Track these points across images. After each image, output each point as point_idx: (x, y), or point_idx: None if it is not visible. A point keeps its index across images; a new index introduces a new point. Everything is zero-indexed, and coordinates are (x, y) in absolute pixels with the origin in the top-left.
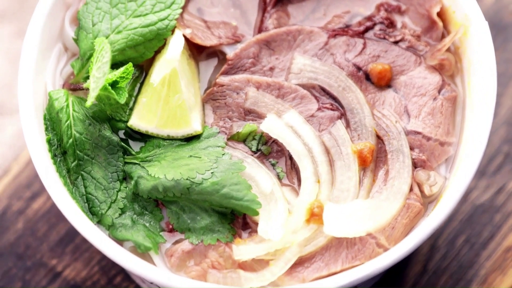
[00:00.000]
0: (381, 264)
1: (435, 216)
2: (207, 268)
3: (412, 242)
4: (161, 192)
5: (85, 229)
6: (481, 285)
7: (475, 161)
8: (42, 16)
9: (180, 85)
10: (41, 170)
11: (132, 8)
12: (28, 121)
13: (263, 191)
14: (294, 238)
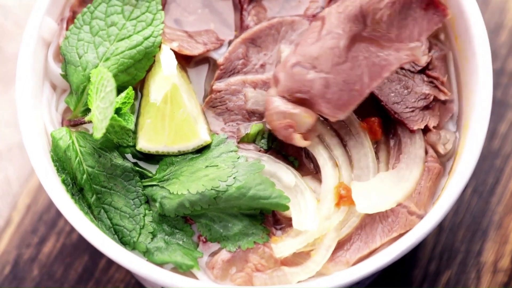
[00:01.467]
0: (421, 233)
1: (460, 176)
2: (251, 272)
3: (446, 204)
4: (188, 207)
5: (124, 259)
6: (498, 230)
7: (485, 113)
8: (28, 60)
9: (183, 99)
10: (66, 212)
11: (114, 33)
12: (42, 167)
13: (287, 185)
14: (329, 224)
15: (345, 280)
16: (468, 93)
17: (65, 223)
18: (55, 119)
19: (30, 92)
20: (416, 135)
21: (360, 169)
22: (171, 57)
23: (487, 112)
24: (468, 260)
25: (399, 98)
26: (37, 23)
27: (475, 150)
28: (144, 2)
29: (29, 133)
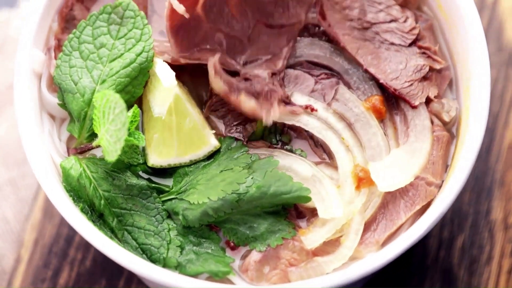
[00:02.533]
0: (445, 204)
1: (472, 141)
2: (285, 268)
3: (464, 172)
4: (211, 215)
5: (162, 277)
6: (501, 188)
7: (484, 72)
8: (25, 95)
9: (187, 108)
10: (97, 243)
11: (105, 54)
12: (60, 200)
13: (304, 177)
14: (353, 208)
15: (380, 262)
16: (462, 57)
17: (76, 251)
18: (60, 149)
19: (32, 127)
20: (420, 107)
21: (371, 149)
22: (167, 69)
23: (486, 71)
24: (478, 221)
25: (396, 74)
26: (27, 56)
27: (482, 112)
28: (129, 19)
29: (41, 169)
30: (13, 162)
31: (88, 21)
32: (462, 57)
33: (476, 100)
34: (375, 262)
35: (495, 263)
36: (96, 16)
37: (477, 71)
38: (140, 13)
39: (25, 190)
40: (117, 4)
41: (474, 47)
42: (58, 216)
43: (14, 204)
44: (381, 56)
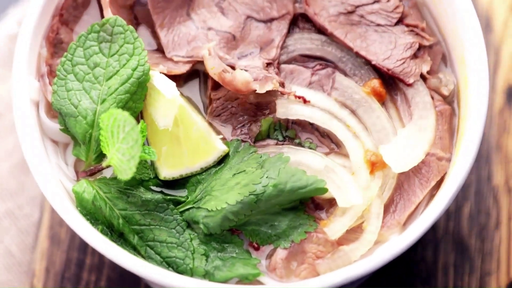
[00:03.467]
0: (460, 178)
1: (477, 113)
2: (312, 261)
3: (475, 142)
4: (232, 219)
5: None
6: (498, 152)
7: (478, 41)
8: (27, 124)
9: (192, 116)
10: (125, 262)
11: (101, 73)
12: (82, 226)
13: (317, 169)
14: (371, 193)
15: (406, 243)
16: (452, 29)
17: (89, 274)
18: (69, 174)
19: (39, 156)
20: (418, 84)
21: (378, 132)
22: (166, 80)
23: (479, 39)
24: (481, 188)
25: (387, 54)
26: (22, 86)
27: (482, 81)
28: (118, 35)
29: (55, 196)
30: (7, 194)
31: (77, 42)
32: (452, 29)
33: (474, 69)
34: (401, 243)
35: (504, 227)
36: (85, 36)
37: (471, 41)
38: (129, 27)
39: (24, 220)
40: (105, 21)
41: (464, 17)
42: (66, 242)
43: (16, 235)
44: (369, 39)
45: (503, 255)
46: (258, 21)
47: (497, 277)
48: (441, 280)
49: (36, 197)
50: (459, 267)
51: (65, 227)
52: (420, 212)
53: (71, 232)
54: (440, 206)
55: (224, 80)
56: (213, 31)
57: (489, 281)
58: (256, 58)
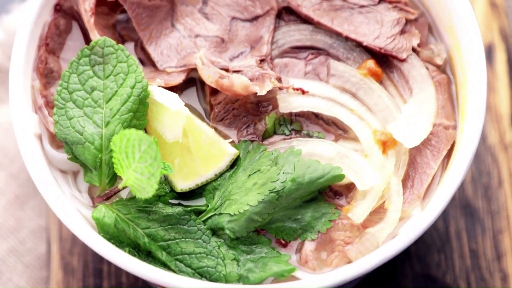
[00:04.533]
0: (473, 145)
1: (477, 74)
2: (342, 248)
3: (481, 107)
4: (257, 220)
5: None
6: (488, 111)
7: (468, 8)
8: (37, 160)
9: (199, 124)
10: (165, 279)
11: (100, 96)
12: (115, 253)
13: (330, 157)
14: (387, 171)
15: (430, 219)
16: (437, 0)
17: None
18: (85, 202)
19: (54, 189)
20: (412, 58)
21: (381, 111)
22: (168, 93)
23: (467, 5)
24: (478, 149)
25: (376, 33)
26: (23, 121)
27: (476, 43)
28: (110, 55)
29: (79, 227)
30: (6, 231)
31: (70, 69)
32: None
33: (466, 36)
34: (428, 218)
35: (507, 184)
36: (77, 62)
37: (459, 8)
38: (119, 46)
39: (28, 255)
40: (94, 44)
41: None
42: (80, 270)
43: (24, 272)
44: (356, 21)
45: (511, 212)
46: (243, 20)
47: (509, 234)
48: (456, 245)
49: (36, 229)
50: (471, 230)
51: (76, 255)
52: (436, 183)
53: (83, 259)
54: (458, 175)
55: (223, 87)
56: (201, 37)
57: (502, 239)
58: (249, 57)
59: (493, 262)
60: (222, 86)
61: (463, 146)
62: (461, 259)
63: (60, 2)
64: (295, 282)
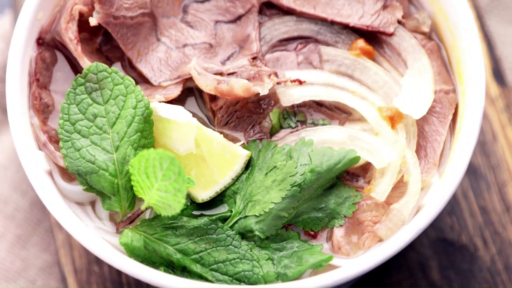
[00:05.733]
0: (479, 112)
1: (470, 40)
2: (372, 228)
3: (481, 76)
4: (284, 216)
5: None
6: None
7: None
8: (54, 198)
9: (208, 132)
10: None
11: (104, 122)
12: (151, 273)
13: (341, 141)
14: (400, 145)
15: (454, 184)
16: None
17: None
18: (109, 229)
19: (78, 225)
20: (399, 30)
21: (381, 88)
22: (173, 107)
23: None
24: None
25: (360, 13)
26: (31, 161)
27: (464, 8)
28: (105, 80)
29: (114, 257)
30: (14, 273)
31: (68, 100)
32: None
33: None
34: (450, 187)
35: (501, 137)
36: (73, 92)
37: None
38: (112, 69)
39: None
40: (86, 71)
41: None
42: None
43: None
44: (337, 4)
45: (511, 162)
46: (227, 22)
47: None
48: (465, 205)
49: (44, 266)
50: (476, 188)
51: (95, 284)
52: (448, 148)
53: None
54: (472, 136)
55: (223, 92)
56: (189, 46)
57: (508, 190)
58: (240, 57)
59: (503, 215)
60: (222, 92)
61: (470, 107)
62: (472, 218)
63: (41, 35)
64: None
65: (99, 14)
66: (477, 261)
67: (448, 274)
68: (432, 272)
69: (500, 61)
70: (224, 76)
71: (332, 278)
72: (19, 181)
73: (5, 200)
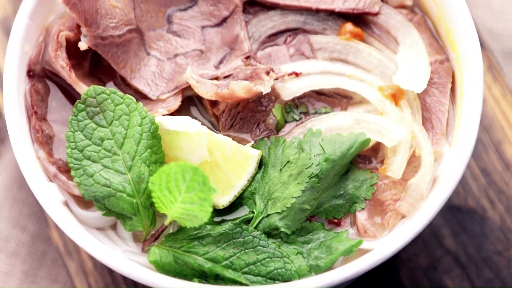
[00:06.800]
0: (480, 74)
1: (459, 9)
2: (393, 207)
3: (475, 41)
4: (306, 209)
5: None
6: None
7: None
8: (76, 228)
9: (219, 137)
10: None
11: (112, 144)
12: (188, 286)
13: (348, 126)
14: (407, 120)
15: (470, 148)
16: None
17: None
18: (135, 249)
19: (109, 252)
20: (384, 8)
21: (377, 68)
22: (179, 119)
23: None
24: None
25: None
26: (46, 194)
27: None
28: (105, 102)
29: (147, 276)
30: None
31: (72, 128)
32: None
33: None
34: (465, 152)
35: (490, 97)
36: (75, 119)
37: None
38: (110, 89)
39: None
40: (84, 97)
41: None
42: None
43: None
44: None
45: (502, 121)
46: (213, 26)
47: (509, 142)
48: (466, 170)
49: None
50: (474, 151)
51: None
52: (452, 117)
53: None
54: (478, 100)
55: (224, 97)
56: (180, 55)
57: (505, 149)
58: (233, 59)
59: (505, 173)
60: (223, 97)
61: (469, 72)
62: (475, 181)
63: (30, 67)
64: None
65: (87, 37)
66: (487, 222)
67: (461, 239)
68: (446, 240)
69: (476, 24)
70: (220, 80)
71: (368, 261)
72: (16, 217)
73: (6, 238)
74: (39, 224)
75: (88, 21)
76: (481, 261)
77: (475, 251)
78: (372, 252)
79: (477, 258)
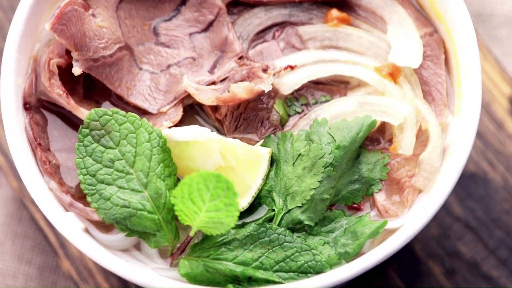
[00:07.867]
0: (475, 49)
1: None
2: (409, 184)
3: (463, 7)
4: (326, 198)
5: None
6: None
7: None
8: (103, 252)
9: (229, 141)
10: None
11: (123, 164)
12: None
13: (352, 111)
14: (409, 96)
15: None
16: None
17: None
18: (163, 265)
19: (139, 272)
20: None
21: (369, 49)
22: (187, 129)
23: None
24: None
25: None
26: (66, 224)
27: None
28: (109, 123)
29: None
30: None
31: (80, 154)
32: None
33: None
34: (473, 121)
35: None
36: (81, 145)
37: None
38: (112, 110)
39: None
40: (87, 121)
41: None
42: None
43: None
44: None
45: (488, 83)
46: (201, 32)
47: (500, 105)
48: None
49: None
50: None
51: None
52: (450, 87)
53: None
54: (475, 68)
55: (226, 101)
56: (173, 66)
57: (495, 109)
58: (226, 61)
59: (499, 133)
60: (225, 101)
61: (462, 38)
62: (473, 147)
63: (26, 100)
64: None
65: (79, 62)
66: (490, 183)
67: (468, 204)
68: (453, 207)
69: None
70: (217, 84)
71: (400, 239)
72: (19, 251)
73: (14, 274)
74: (44, 254)
75: (77, 45)
76: (491, 223)
77: (484, 214)
78: (401, 229)
79: (486, 220)
